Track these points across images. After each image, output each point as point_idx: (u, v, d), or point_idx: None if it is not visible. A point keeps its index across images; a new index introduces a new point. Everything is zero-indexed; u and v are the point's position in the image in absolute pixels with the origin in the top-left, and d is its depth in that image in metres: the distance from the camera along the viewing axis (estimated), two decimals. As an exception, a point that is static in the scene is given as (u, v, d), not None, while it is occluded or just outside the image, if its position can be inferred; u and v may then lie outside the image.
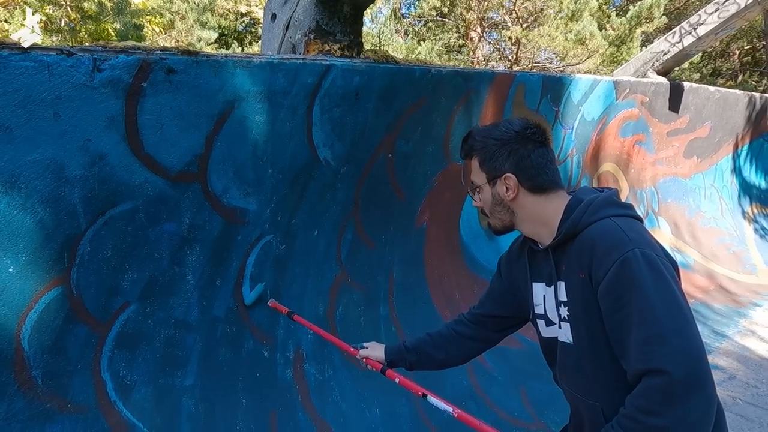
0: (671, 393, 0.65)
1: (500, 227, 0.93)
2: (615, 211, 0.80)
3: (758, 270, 4.65)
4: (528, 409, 2.13)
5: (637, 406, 0.69)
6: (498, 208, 0.90)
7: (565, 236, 0.82)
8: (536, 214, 0.87)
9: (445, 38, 10.27)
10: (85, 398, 1.29)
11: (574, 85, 3.06)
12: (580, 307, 0.80)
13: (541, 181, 0.86)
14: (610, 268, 0.73)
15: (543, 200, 0.87)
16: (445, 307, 2.46)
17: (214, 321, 1.59)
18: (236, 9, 9.74)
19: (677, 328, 0.68)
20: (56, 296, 1.22)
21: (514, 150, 0.86)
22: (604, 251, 0.74)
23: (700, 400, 0.65)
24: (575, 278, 0.80)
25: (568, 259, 0.81)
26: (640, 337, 0.69)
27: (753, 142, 5.52)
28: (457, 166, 2.46)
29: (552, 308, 0.87)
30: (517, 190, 0.87)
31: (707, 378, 0.66)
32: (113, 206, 1.28)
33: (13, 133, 1.07)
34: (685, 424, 0.65)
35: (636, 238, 0.74)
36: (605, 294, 0.74)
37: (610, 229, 0.76)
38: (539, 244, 0.89)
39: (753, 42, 11.38)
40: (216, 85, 1.36)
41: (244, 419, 1.57)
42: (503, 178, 0.87)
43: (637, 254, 0.72)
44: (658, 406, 0.66)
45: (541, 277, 0.89)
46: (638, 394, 0.69)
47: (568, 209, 0.83)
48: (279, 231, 1.73)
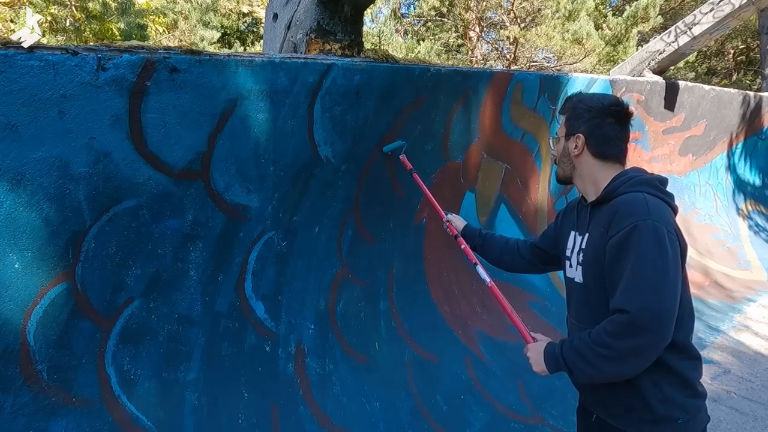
0: (630, 327, 0.84)
1: (562, 176, 1.11)
2: (649, 190, 0.94)
3: (752, 266, 4.71)
4: (526, 403, 2.16)
5: (605, 326, 0.89)
6: (564, 159, 1.08)
7: (603, 197, 0.98)
8: (590, 174, 1.03)
9: (444, 38, 10.30)
10: (89, 392, 1.31)
11: (571, 84, 3.09)
12: (592, 255, 0.97)
13: (604, 150, 1.02)
14: (623, 229, 0.88)
15: (600, 165, 1.02)
16: (444, 302, 2.49)
17: (217, 316, 1.61)
18: (238, 9, 9.73)
19: (654, 287, 0.84)
20: (61, 292, 1.23)
21: (593, 118, 1.02)
22: (624, 215, 0.89)
23: (649, 341, 0.84)
24: (597, 232, 0.96)
25: (598, 217, 0.98)
26: (625, 285, 0.86)
27: (747, 140, 5.57)
28: (455, 164, 2.49)
29: (575, 253, 1.04)
30: (582, 149, 1.03)
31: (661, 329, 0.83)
32: (117, 203, 1.29)
33: (19, 131, 1.09)
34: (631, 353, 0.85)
35: (654, 213, 0.88)
36: (612, 247, 0.90)
37: (636, 200, 0.91)
38: (586, 200, 1.06)
39: (747, 41, 11.45)
40: (219, 84, 1.38)
41: (246, 413, 1.59)
42: (575, 136, 1.04)
43: (649, 225, 0.86)
44: (619, 333, 0.86)
45: (579, 227, 1.06)
46: (610, 320, 0.89)
47: (615, 178, 0.99)
48: (281, 227, 1.75)
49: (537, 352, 1.03)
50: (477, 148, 2.63)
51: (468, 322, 2.52)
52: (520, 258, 1.32)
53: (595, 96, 1.05)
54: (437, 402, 2.03)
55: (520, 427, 2.02)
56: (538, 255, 1.28)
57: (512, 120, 2.80)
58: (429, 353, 2.22)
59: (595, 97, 1.04)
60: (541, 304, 2.89)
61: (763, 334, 3.25)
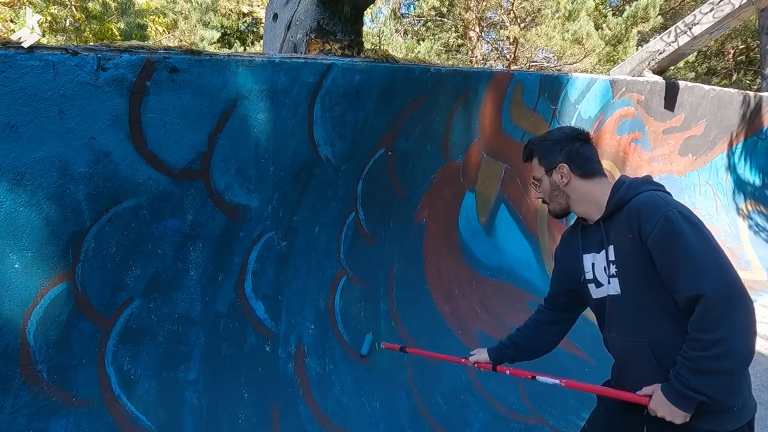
0: (716, 310, 0.84)
1: (558, 210, 1.12)
2: (651, 187, 0.99)
3: (752, 266, 4.71)
4: (526, 403, 2.16)
5: (696, 329, 0.87)
6: (555, 193, 1.10)
7: (614, 208, 1.00)
8: (586, 195, 1.06)
9: (444, 38, 10.30)
10: (89, 392, 1.31)
11: (571, 84, 3.09)
12: (628, 260, 0.97)
13: (588, 169, 1.07)
14: (656, 224, 0.91)
15: (591, 184, 1.06)
16: (444, 302, 2.49)
17: (217, 316, 1.61)
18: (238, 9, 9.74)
19: (713, 260, 0.86)
20: (61, 292, 1.23)
21: (565, 146, 1.08)
22: (650, 213, 0.93)
23: (741, 311, 0.84)
24: (624, 239, 0.98)
25: (617, 226, 1.00)
26: (687, 272, 0.88)
27: (747, 140, 5.57)
28: (455, 164, 2.49)
29: (601, 270, 1.04)
30: (569, 176, 1.07)
31: (742, 295, 0.85)
32: (117, 203, 1.29)
33: (19, 131, 1.09)
34: (735, 331, 0.84)
35: (671, 202, 0.94)
36: (655, 244, 0.92)
37: (651, 198, 0.95)
38: (589, 220, 1.08)
39: (747, 41, 11.45)
40: (218, 84, 1.38)
41: (246, 413, 1.59)
42: (558, 167, 1.08)
43: (675, 212, 0.91)
44: (711, 323, 0.85)
45: (591, 247, 1.07)
46: (694, 320, 0.88)
47: (615, 188, 1.03)
48: (280, 227, 1.75)
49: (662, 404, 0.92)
50: (477, 148, 2.63)
51: (468, 322, 2.52)
52: (548, 325, 1.25)
53: (550, 133, 1.12)
54: (437, 402, 2.03)
55: (520, 427, 2.02)
56: (560, 304, 1.22)
57: (512, 120, 2.80)
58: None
59: (553, 133, 1.12)
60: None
61: (763, 334, 3.25)
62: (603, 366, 1.19)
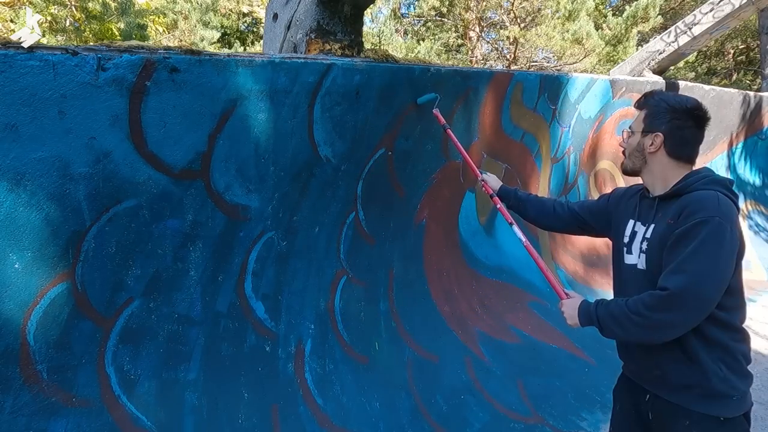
0: (667, 301, 0.93)
1: (630, 169, 1.15)
2: (721, 189, 1.00)
3: (752, 265, 4.71)
4: (526, 403, 2.16)
5: (642, 298, 0.97)
6: (636, 153, 1.11)
7: (674, 192, 1.03)
8: (661, 171, 1.08)
9: (444, 38, 10.30)
10: (89, 392, 1.31)
11: (571, 83, 3.09)
12: (658, 243, 1.02)
13: (680, 152, 1.07)
14: (692, 221, 0.95)
15: (672, 165, 1.07)
16: (444, 302, 2.49)
17: (217, 316, 1.61)
18: (238, 9, 9.74)
19: (701, 273, 0.91)
20: (61, 292, 1.23)
21: (675, 119, 1.06)
22: (695, 209, 0.96)
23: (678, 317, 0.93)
24: (663, 223, 1.02)
25: (667, 209, 1.03)
26: (673, 267, 0.94)
27: (747, 140, 5.57)
28: (455, 164, 2.49)
29: (637, 242, 1.09)
30: (659, 147, 1.07)
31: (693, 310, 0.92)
32: (117, 203, 1.29)
33: (19, 131, 1.09)
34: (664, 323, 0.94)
35: (724, 212, 0.95)
36: (676, 235, 0.97)
37: (709, 197, 0.97)
38: (650, 192, 1.11)
39: (747, 41, 11.45)
40: (219, 84, 1.38)
41: (246, 413, 1.59)
42: (654, 134, 1.07)
43: (715, 221, 0.93)
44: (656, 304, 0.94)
45: (641, 217, 1.11)
46: (647, 294, 0.97)
47: (688, 176, 1.05)
48: (281, 227, 1.75)
49: (572, 307, 1.10)
50: (477, 148, 2.63)
51: (468, 322, 2.52)
52: (556, 218, 1.37)
53: (678, 97, 1.09)
54: (437, 402, 2.03)
55: (520, 427, 2.02)
56: (577, 220, 1.32)
57: (512, 120, 2.80)
58: (429, 353, 2.22)
59: (678, 99, 1.08)
60: (541, 304, 2.89)
61: (763, 334, 3.25)
62: (603, 366, 1.20)
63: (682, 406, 1.00)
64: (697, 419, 0.98)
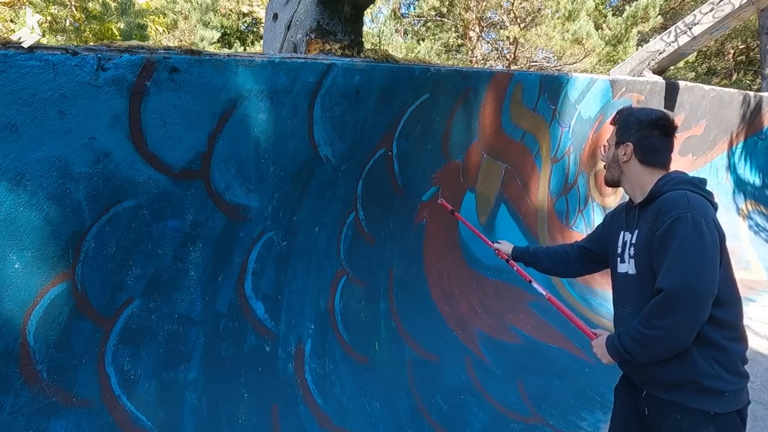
0: (667, 304, 0.96)
1: (610, 180, 1.23)
2: (690, 188, 1.05)
3: (752, 265, 4.71)
4: (526, 403, 2.16)
5: (648, 311, 1.00)
6: (614, 165, 1.20)
7: (649, 197, 1.10)
8: (637, 178, 1.15)
9: (444, 38, 10.30)
10: (89, 392, 1.31)
11: (571, 83, 3.09)
12: (642, 247, 1.08)
13: (650, 159, 1.14)
14: (667, 221, 1.00)
15: (646, 171, 1.14)
16: (444, 302, 2.49)
17: (217, 316, 1.61)
18: (238, 9, 9.74)
19: (690, 268, 0.95)
20: (61, 292, 1.23)
21: (642, 129, 1.15)
22: (667, 209, 1.01)
23: (688, 312, 0.94)
24: (645, 228, 1.08)
25: (645, 215, 1.10)
26: (665, 268, 0.98)
27: (747, 140, 5.57)
28: (455, 164, 2.49)
29: (627, 249, 1.15)
30: (630, 156, 1.15)
31: (697, 302, 0.94)
32: (117, 203, 1.29)
33: (19, 131, 1.09)
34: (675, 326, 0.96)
35: (695, 206, 1.00)
36: (658, 238, 1.02)
37: (678, 197, 1.02)
38: (634, 202, 1.17)
39: (747, 41, 11.45)
40: (219, 84, 1.38)
41: (246, 412, 1.59)
42: (624, 145, 1.16)
43: (689, 217, 0.98)
44: (660, 312, 0.97)
45: (628, 226, 1.17)
46: (651, 304, 0.99)
47: (659, 180, 1.11)
48: (280, 227, 1.75)
49: (600, 346, 1.14)
50: (477, 148, 2.63)
51: (468, 322, 2.52)
52: (570, 263, 1.42)
53: (644, 110, 1.18)
54: (437, 402, 2.03)
55: (520, 427, 2.02)
56: (588, 256, 1.37)
57: (512, 120, 2.80)
58: (429, 353, 2.22)
59: (645, 111, 1.17)
60: (541, 305, 2.89)
61: (763, 334, 3.25)
62: (603, 366, 1.21)
63: (675, 402, 1.02)
64: (688, 413, 1.01)
